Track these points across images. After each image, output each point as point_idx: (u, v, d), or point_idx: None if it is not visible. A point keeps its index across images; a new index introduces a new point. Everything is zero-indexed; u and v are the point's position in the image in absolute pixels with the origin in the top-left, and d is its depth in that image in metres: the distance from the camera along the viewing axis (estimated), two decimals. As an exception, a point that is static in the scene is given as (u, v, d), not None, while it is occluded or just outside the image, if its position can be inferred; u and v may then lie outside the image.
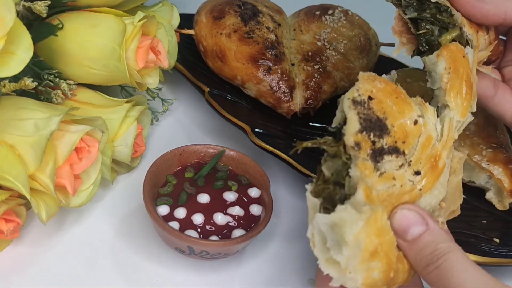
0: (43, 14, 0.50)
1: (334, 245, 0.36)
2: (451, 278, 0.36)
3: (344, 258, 0.35)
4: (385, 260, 0.37)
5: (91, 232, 0.54)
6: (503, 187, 0.59)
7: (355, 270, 0.36)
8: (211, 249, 0.48)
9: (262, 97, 0.65)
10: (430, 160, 0.40)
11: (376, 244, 0.36)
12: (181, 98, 0.72)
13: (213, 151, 0.56)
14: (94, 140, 0.49)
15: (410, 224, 0.38)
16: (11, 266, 0.49)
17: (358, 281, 0.36)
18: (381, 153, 0.38)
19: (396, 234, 0.38)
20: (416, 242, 0.38)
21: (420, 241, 0.38)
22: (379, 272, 0.37)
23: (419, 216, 0.38)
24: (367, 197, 0.36)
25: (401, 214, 0.38)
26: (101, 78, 0.55)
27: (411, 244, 0.38)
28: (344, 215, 0.36)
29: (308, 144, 0.40)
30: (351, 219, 0.35)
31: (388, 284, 0.38)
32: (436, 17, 0.45)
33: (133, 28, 0.53)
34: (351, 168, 0.37)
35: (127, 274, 0.51)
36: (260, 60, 0.63)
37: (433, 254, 0.37)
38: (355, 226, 0.35)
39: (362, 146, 0.37)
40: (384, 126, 0.38)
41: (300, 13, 0.71)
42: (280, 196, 0.60)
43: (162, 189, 0.53)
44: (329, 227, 0.37)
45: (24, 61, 0.44)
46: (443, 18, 0.45)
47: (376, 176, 0.37)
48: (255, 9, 0.67)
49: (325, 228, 0.37)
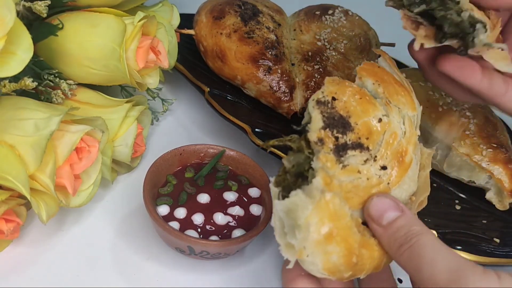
0: (43, 14, 0.50)
1: (290, 230, 0.38)
2: (423, 257, 0.37)
3: (297, 241, 0.37)
4: (343, 245, 0.38)
5: (91, 232, 0.54)
6: (503, 187, 0.59)
7: (312, 253, 0.37)
8: (211, 249, 0.48)
9: (262, 97, 0.65)
10: (397, 155, 0.42)
11: (331, 228, 0.37)
12: (181, 98, 0.72)
13: (213, 151, 0.56)
14: (94, 140, 0.49)
15: (386, 209, 0.39)
16: (11, 266, 0.49)
17: (318, 265, 0.38)
18: (344, 148, 0.40)
19: (371, 219, 0.40)
20: (391, 226, 0.39)
21: (395, 224, 0.39)
22: (338, 256, 0.38)
23: (394, 203, 0.40)
24: (327, 185, 0.38)
25: (377, 199, 0.40)
26: (101, 78, 0.55)
27: (386, 228, 0.39)
28: (296, 199, 0.37)
29: (274, 142, 0.43)
30: (302, 203, 0.37)
31: (352, 269, 0.39)
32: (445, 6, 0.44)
33: (133, 28, 0.53)
34: (313, 161, 0.39)
35: (127, 274, 0.51)
36: (260, 60, 0.63)
37: (406, 235, 0.38)
38: (306, 210, 0.37)
39: (325, 141, 0.40)
40: (347, 124, 0.41)
41: (300, 13, 0.72)
42: (280, 196, 0.60)
43: (162, 189, 0.53)
44: (285, 213, 0.38)
45: (24, 61, 0.44)
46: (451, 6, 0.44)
47: (338, 168, 0.39)
48: (255, 9, 0.67)
49: (282, 214, 0.39)
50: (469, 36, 0.44)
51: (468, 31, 0.44)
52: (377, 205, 0.40)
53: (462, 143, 0.61)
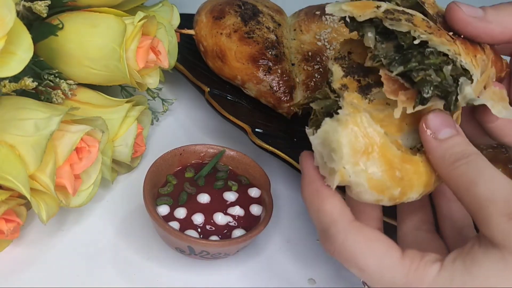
0: (43, 14, 0.50)
1: (328, 158, 0.39)
2: (482, 172, 0.36)
3: (336, 164, 0.38)
4: (382, 159, 0.38)
5: (91, 232, 0.54)
6: None
7: (354, 173, 0.38)
8: (211, 249, 0.48)
9: (262, 97, 0.65)
10: None
11: (365, 144, 0.38)
12: (181, 98, 0.72)
13: (213, 151, 0.56)
14: (94, 140, 0.49)
15: (444, 124, 0.39)
16: (11, 266, 0.49)
17: (364, 184, 0.38)
18: (368, 87, 0.42)
19: (427, 130, 0.40)
20: (447, 141, 0.39)
21: (452, 140, 0.39)
22: (380, 172, 0.38)
23: (452, 121, 0.40)
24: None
25: (436, 113, 0.40)
26: (101, 78, 0.55)
27: (442, 142, 0.39)
28: (326, 127, 0.39)
29: (304, 101, 0.47)
30: (332, 127, 0.39)
31: (400, 185, 0.39)
32: (424, 62, 0.43)
33: (133, 28, 0.53)
34: (340, 101, 0.41)
35: (127, 274, 0.51)
36: (260, 60, 0.63)
37: (463, 151, 0.38)
38: (336, 132, 0.38)
39: (348, 86, 0.42)
40: (366, 69, 0.42)
41: (300, 13, 0.71)
42: (280, 196, 0.60)
43: (162, 189, 0.53)
44: (321, 144, 0.39)
45: (24, 61, 0.44)
46: (433, 59, 0.43)
47: (365, 103, 0.41)
48: (255, 9, 0.67)
49: (319, 147, 0.40)
50: (452, 94, 0.42)
51: (451, 89, 0.42)
52: (436, 118, 0.40)
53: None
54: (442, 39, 0.43)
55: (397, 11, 0.44)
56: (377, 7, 0.44)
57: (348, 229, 0.38)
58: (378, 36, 0.45)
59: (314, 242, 0.57)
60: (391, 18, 0.43)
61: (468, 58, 0.43)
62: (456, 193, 0.38)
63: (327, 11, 0.46)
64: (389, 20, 0.43)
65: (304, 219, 0.59)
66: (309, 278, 0.53)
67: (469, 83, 0.42)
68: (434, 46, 0.42)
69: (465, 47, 0.44)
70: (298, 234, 0.57)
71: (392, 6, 0.45)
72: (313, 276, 0.53)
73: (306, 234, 0.58)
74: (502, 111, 0.44)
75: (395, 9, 0.44)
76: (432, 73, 0.42)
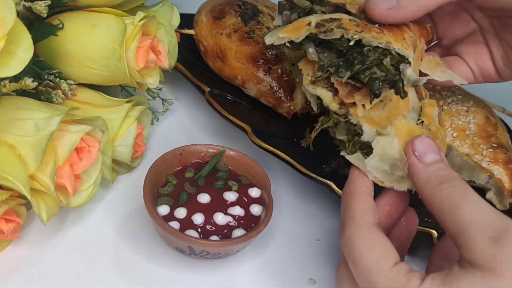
0: (43, 14, 0.50)
1: (393, 169, 0.45)
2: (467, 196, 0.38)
3: (402, 170, 0.44)
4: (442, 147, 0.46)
5: (91, 232, 0.54)
6: (503, 187, 0.59)
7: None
8: (212, 249, 0.48)
9: (262, 97, 0.65)
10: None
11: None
12: (181, 98, 0.72)
13: (213, 151, 0.56)
14: (94, 140, 0.49)
15: (429, 149, 0.42)
16: (11, 266, 0.49)
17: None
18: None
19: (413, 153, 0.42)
20: (433, 165, 0.42)
21: (437, 164, 0.42)
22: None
23: (437, 147, 0.43)
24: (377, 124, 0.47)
25: (423, 138, 0.43)
26: (102, 78, 0.55)
27: (428, 166, 0.42)
28: (381, 145, 0.45)
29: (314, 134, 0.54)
30: (388, 144, 0.44)
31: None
32: (366, 62, 0.47)
33: (134, 28, 0.53)
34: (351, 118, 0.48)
35: (127, 274, 0.51)
36: (260, 60, 0.63)
37: (448, 175, 0.40)
38: (394, 145, 0.44)
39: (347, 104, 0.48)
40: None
41: None
42: (280, 196, 0.60)
43: (162, 189, 0.53)
44: (380, 161, 0.45)
45: (24, 61, 0.44)
46: (372, 56, 0.47)
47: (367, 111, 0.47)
48: (256, 9, 0.67)
49: (379, 164, 0.45)
50: (398, 81, 0.46)
51: (396, 77, 0.46)
52: (423, 143, 0.42)
53: (462, 143, 0.61)
54: (372, 33, 0.47)
55: (326, 21, 0.49)
56: (309, 24, 0.49)
57: (360, 227, 0.41)
58: (318, 48, 0.50)
59: (314, 242, 0.57)
60: (324, 31, 0.48)
61: (399, 43, 0.48)
62: (438, 215, 0.40)
63: (267, 42, 0.51)
64: (323, 33, 0.48)
65: (304, 219, 0.59)
66: (309, 278, 0.53)
67: (408, 66, 0.47)
68: (368, 42, 0.47)
69: (393, 34, 0.48)
70: (298, 234, 0.57)
71: (320, 17, 0.50)
72: (313, 276, 0.53)
73: (306, 234, 0.58)
74: (441, 75, 0.50)
75: (323, 19, 0.49)
76: (376, 70, 0.46)
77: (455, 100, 0.64)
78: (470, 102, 0.64)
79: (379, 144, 0.44)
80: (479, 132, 0.62)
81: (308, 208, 0.61)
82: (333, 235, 0.58)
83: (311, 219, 0.59)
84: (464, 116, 0.63)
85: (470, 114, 0.63)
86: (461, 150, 0.60)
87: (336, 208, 0.61)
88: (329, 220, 0.59)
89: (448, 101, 0.64)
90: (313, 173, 0.55)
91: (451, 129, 0.62)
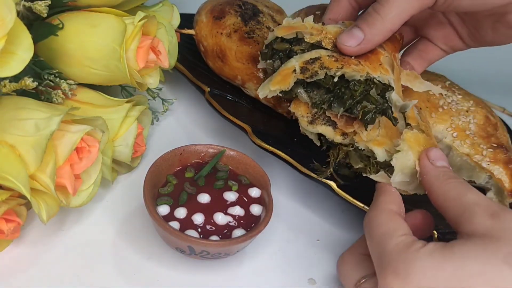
0: (43, 14, 0.50)
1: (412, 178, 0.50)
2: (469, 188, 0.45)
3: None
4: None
5: (91, 232, 0.54)
6: (503, 187, 0.59)
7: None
8: (212, 249, 0.48)
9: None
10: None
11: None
12: (181, 98, 0.72)
13: (213, 151, 0.56)
14: (94, 140, 0.49)
15: (440, 158, 0.49)
16: (11, 266, 0.49)
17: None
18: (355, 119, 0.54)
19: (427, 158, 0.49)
20: (442, 168, 0.48)
21: (445, 168, 0.48)
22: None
23: (446, 159, 0.49)
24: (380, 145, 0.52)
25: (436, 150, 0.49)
26: (102, 78, 0.55)
27: (438, 167, 0.48)
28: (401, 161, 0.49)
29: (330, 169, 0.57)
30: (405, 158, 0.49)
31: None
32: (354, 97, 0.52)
33: (134, 28, 0.53)
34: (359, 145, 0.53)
35: (127, 274, 0.51)
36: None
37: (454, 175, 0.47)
38: (410, 157, 0.49)
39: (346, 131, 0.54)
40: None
41: (300, 13, 0.71)
42: (280, 196, 0.60)
43: (162, 189, 0.53)
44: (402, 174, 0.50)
45: (24, 61, 0.44)
46: (358, 89, 0.52)
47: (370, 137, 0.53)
48: (256, 9, 0.67)
49: (403, 177, 0.50)
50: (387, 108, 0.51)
51: (384, 105, 0.51)
52: (436, 153, 0.49)
53: (462, 143, 0.61)
54: (352, 66, 0.52)
55: (307, 62, 0.53)
56: (294, 71, 0.54)
57: (382, 211, 0.47)
58: (307, 88, 0.55)
59: (314, 242, 0.57)
60: (310, 75, 0.53)
61: (377, 70, 0.52)
62: (443, 204, 0.46)
63: (260, 96, 0.56)
64: (309, 78, 0.53)
65: (304, 219, 0.59)
66: (309, 278, 0.53)
67: (393, 91, 0.51)
68: (351, 77, 0.52)
69: (369, 62, 0.53)
70: (298, 234, 0.57)
71: (301, 59, 0.54)
72: (313, 276, 0.53)
73: (306, 234, 0.58)
74: (420, 86, 0.57)
75: (305, 61, 0.53)
76: (367, 104, 0.51)
77: (455, 100, 0.64)
78: (470, 102, 0.64)
79: (399, 161, 0.49)
80: (479, 132, 0.62)
81: (308, 208, 0.61)
82: (333, 235, 0.58)
83: (311, 219, 0.59)
84: (464, 116, 0.63)
85: (470, 114, 0.63)
86: (461, 150, 0.60)
87: (337, 208, 0.61)
88: (329, 220, 0.59)
89: (448, 101, 0.64)
90: (313, 173, 0.56)
91: (451, 129, 0.62)
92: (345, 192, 0.54)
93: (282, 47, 0.57)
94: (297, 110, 0.57)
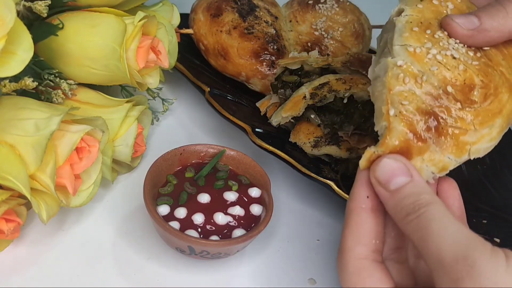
0: (43, 14, 0.50)
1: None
2: (430, 230, 0.35)
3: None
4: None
5: (91, 232, 0.54)
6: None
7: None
8: (212, 249, 0.48)
9: (267, 91, 0.64)
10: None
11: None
12: (181, 98, 0.72)
13: (213, 151, 0.56)
14: (94, 140, 0.49)
15: (395, 172, 0.38)
16: (11, 266, 0.49)
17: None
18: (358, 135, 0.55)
19: (378, 183, 0.38)
20: (399, 192, 0.37)
21: (403, 191, 0.37)
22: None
23: (404, 166, 0.38)
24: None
25: (385, 162, 0.38)
26: (102, 78, 0.55)
27: (393, 194, 0.37)
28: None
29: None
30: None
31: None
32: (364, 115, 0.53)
33: (134, 28, 0.53)
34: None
35: (127, 274, 0.51)
36: (262, 55, 0.63)
37: (414, 204, 0.36)
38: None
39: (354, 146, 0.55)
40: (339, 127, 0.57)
41: (293, 3, 0.72)
42: (280, 196, 0.60)
43: (162, 189, 0.53)
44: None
45: (24, 61, 0.44)
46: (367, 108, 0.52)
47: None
48: (251, 4, 0.67)
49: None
50: None
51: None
52: (386, 167, 0.38)
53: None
54: (360, 86, 0.53)
55: (317, 88, 0.55)
56: (304, 98, 0.56)
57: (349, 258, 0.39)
58: (318, 112, 0.57)
59: (314, 242, 0.57)
60: (320, 100, 0.55)
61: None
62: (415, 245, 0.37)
63: (274, 123, 0.59)
64: (319, 102, 0.55)
65: (304, 219, 0.59)
66: (309, 278, 0.53)
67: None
68: (360, 98, 0.52)
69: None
70: (298, 234, 0.57)
71: (311, 86, 0.56)
72: (313, 276, 0.53)
73: (306, 234, 0.58)
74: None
75: (314, 87, 0.56)
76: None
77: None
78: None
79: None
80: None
81: (308, 208, 0.61)
82: (333, 235, 0.58)
83: (311, 219, 0.59)
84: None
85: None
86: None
87: (336, 208, 0.61)
88: (329, 220, 0.59)
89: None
90: (313, 173, 0.56)
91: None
92: (345, 192, 0.55)
93: (291, 79, 0.59)
94: (297, 139, 0.59)
